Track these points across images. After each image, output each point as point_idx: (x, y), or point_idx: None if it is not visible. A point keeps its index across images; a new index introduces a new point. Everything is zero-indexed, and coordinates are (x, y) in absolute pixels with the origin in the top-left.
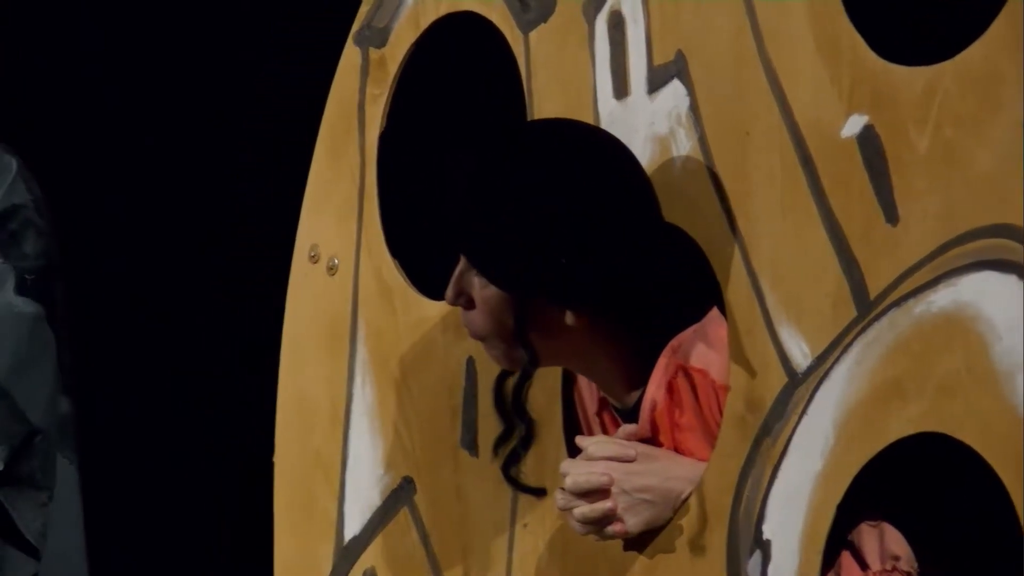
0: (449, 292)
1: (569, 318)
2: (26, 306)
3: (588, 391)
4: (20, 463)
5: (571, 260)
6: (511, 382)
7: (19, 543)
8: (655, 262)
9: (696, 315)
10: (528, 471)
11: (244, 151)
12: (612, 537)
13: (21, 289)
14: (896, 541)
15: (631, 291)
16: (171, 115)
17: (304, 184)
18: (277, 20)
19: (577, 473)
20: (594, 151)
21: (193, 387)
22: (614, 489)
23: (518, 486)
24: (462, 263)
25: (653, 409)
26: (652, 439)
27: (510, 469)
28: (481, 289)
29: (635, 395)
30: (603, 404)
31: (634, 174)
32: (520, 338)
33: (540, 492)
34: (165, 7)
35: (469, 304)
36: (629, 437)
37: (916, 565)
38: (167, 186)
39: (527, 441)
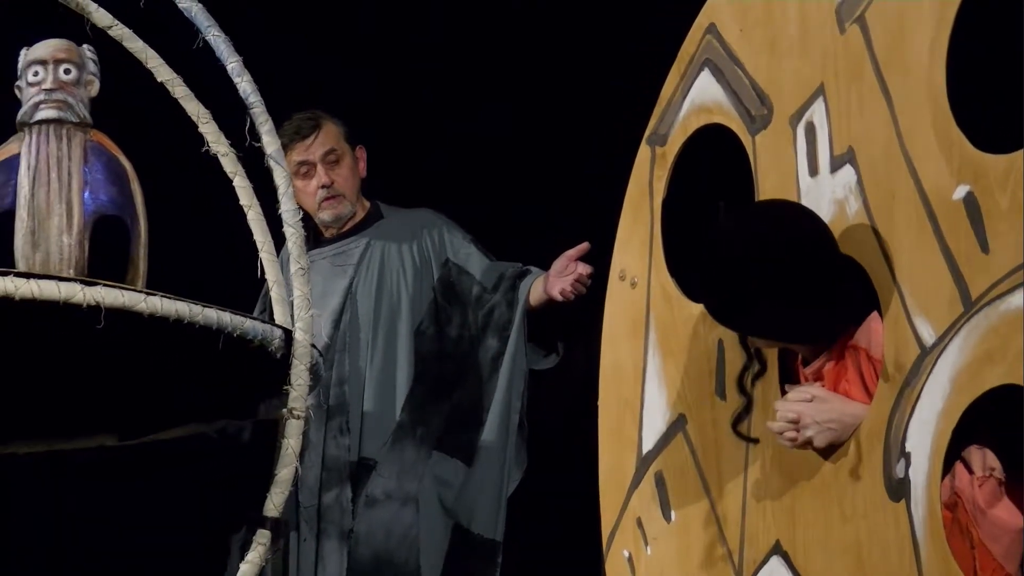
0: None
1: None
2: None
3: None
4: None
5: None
6: (751, 372)
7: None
8: (841, 278)
9: (863, 314)
10: (757, 421)
11: (580, 213)
12: (806, 447)
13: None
14: (992, 458)
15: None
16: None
17: (615, 231)
18: (603, 133)
19: (783, 410)
20: (792, 210)
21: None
22: (809, 420)
23: (740, 436)
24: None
25: (820, 368)
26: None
27: (737, 425)
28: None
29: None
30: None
31: (819, 222)
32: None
33: (754, 441)
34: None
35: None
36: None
37: (1003, 475)
38: (548, 244)
39: (749, 408)
